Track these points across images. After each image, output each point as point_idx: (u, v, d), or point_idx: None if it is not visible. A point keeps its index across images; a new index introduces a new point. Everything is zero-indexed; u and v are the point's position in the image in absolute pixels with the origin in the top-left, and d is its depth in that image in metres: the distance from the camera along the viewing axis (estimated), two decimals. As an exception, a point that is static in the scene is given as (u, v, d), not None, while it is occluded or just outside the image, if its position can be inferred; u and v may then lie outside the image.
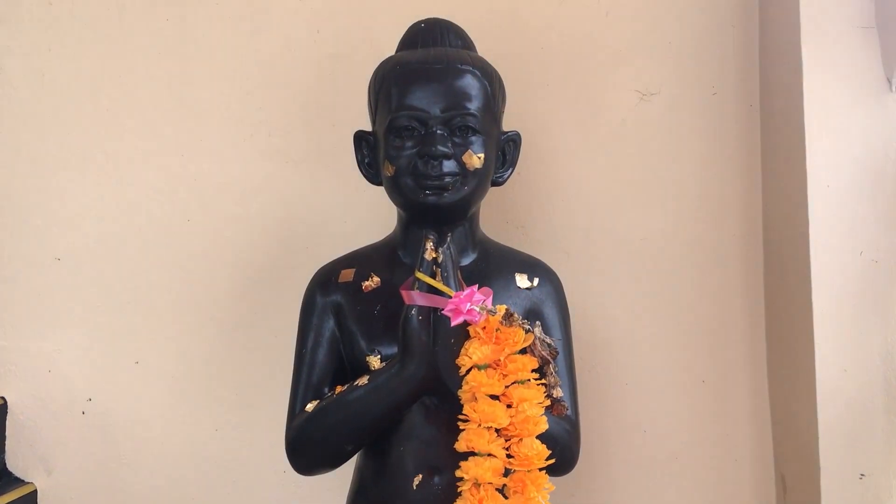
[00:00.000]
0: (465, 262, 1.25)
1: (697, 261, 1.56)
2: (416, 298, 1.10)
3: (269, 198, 1.56)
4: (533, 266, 1.29)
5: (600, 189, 1.57)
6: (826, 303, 1.35)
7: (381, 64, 1.27)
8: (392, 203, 1.27)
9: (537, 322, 1.11)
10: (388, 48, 1.34)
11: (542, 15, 1.57)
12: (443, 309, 1.08)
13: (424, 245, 1.12)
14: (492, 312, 1.08)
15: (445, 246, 1.12)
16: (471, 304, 1.07)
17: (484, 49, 1.33)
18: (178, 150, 1.56)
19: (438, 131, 1.18)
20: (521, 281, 1.26)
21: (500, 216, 1.56)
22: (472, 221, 1.27)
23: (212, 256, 1.56)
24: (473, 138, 1.20)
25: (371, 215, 1.54)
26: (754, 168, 1.56)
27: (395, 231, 1.31)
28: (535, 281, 1.26)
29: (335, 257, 1.37)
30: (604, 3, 1.57)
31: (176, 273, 1.56)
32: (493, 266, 1.26)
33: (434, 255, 1.12)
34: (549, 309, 1.25)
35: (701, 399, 1.56)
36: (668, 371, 1.56)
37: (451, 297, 1.08)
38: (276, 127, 1.56)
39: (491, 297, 1.10)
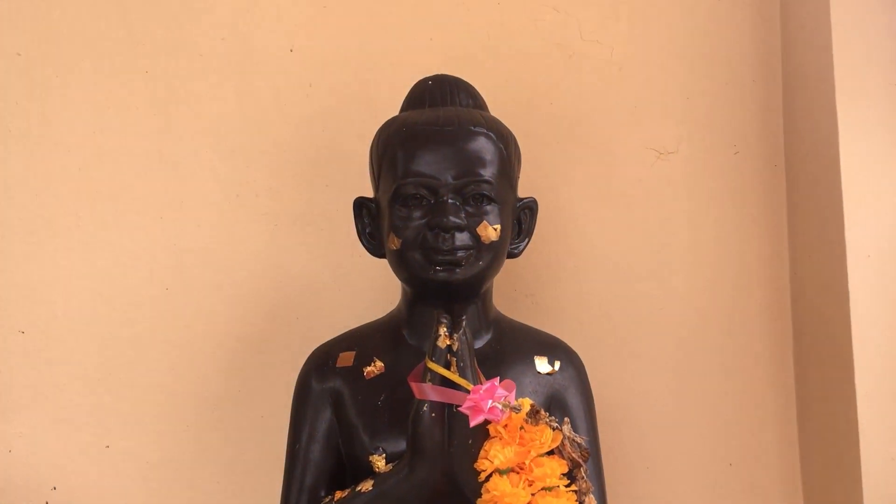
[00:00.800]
0: (479, 343, 1.13)
1: (721, 332, 1.46)
2: (429, 392, 0.97)
3: (257, 264, 1.44)
4: (553, 347, 1.17)
5: (615, 254, 1.47)
6: (870, 383, 1.24)
7: (384, 125, 1.16)
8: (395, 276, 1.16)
9: (566, 419, 0.99)
10: (387, 104, 1.26)
11: (550, 69, 1.49)
12: (459, 405, 0.96)
13: (437, 330, 1.00)
14: (516, 410, 0.96)
15: (461, 332, 1.00)
16: (493, 401, 0.94)
17: (488, 105, 1.24)
18: (157, 212, 1.45)
19: (450, 200, 1.07)
20: (541, 365, 1.14)
21: (508, 284, 1.45)
22: (486, 298, 1.16)
23: (192, 329, 1.44)
24: (489, 208, 1.09)
25: (369, 284, 1.43)
26: (780, 233, 1.47)
27: (398, 307, 1.19)
28: (556, 365, 1.15)
29: (330, 332, 1.27)
30: (616, 57, 1.49)
31: (152, 348, 1.43)
32: (509, 348, 1.14)
33: (448, 343, 0.99)
34: (572, 397, 1.13)
35: (728, 484, 1.44)
36: (692, 453, 1.45)
37: (468, 392, 0.96)
38: (265, 187, 1.46)
39: (514, 392, 0.98)
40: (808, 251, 1.39)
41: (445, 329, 1.00)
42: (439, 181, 1.07)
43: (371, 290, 1.42)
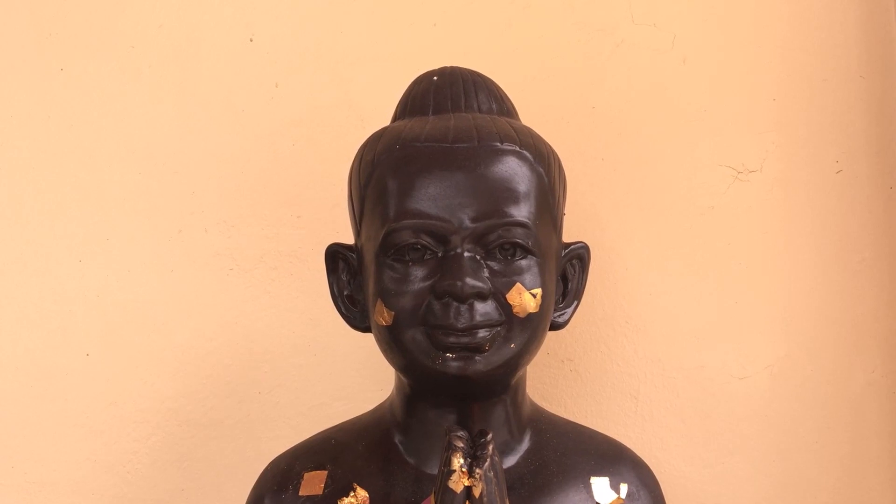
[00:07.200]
0: (511, 460, 0.81)
1: (824, 412, 1.16)
2: (440, 565, 0.63)
3: (207, 321, 1.20)
4: (614, 460, 0.84)
5: (680, 307, 1.18)
6: None
7: (368, 141, 0.85)
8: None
9: None
10: (376, 110, 1.05)
11: (592, 62, 1.21)
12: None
13: (448, 460, 0.68)
14: None
15: (485, 465, 0.66)
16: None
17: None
18: (74, 254, 1.21)
19: (466, 254, 0.76)
20: (602, 491, 0.80)
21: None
22: (518, 391, 0.83)
23: (120, 408, 1.18)
24: (524, 263, 0.78)
25: (358, 348, 1.15)
26: (900, 277, 1.16)
27: (390, 401, 0.87)
28: (623, 490, 0.81)
29: (307, 413, 1.13)
30: (679, 47, 1.20)
31: (67, 432, 1.18)
32: (553, 466, 0.82)
33: (467, 483, 0.66)
34: (646, 538, 0.80)
35: None
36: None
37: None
38: (216, 220, 1.22)
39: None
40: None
41: (461, 460, 0.66)
42: (450, 225, 0.77)
43: (364, 355, 1.14)
